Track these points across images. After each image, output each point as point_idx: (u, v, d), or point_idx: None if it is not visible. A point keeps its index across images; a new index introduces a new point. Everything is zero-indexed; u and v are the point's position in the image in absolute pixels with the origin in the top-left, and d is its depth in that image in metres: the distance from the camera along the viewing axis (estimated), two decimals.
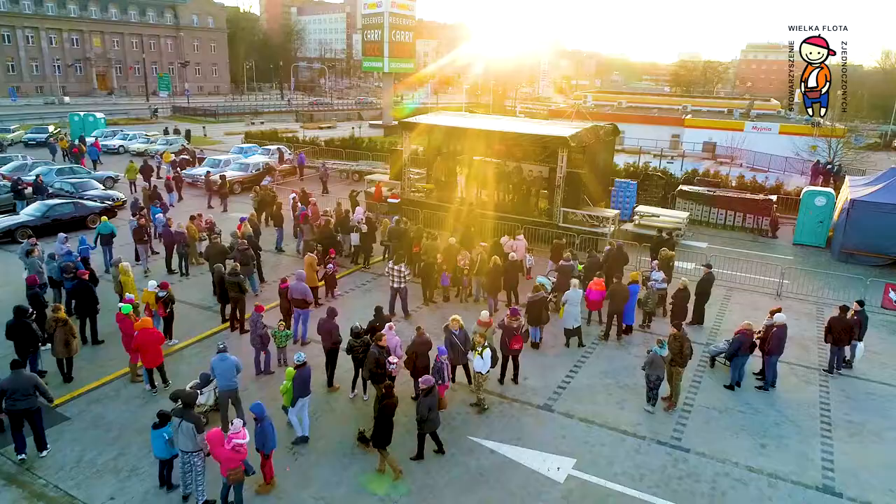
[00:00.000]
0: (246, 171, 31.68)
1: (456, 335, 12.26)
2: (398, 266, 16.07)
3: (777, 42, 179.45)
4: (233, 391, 11.36)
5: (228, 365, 11.22)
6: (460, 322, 12.34)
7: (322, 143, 42.13)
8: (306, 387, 11.06)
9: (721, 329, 16.59)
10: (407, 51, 65.76)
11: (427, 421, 10.32)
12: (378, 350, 11.37)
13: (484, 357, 11.84)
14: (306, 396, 11.13)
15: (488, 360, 11.87)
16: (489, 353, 11.85)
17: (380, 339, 11.51)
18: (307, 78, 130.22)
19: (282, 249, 22.02)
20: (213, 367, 11.21)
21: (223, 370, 11.18)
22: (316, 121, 65.89)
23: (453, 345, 12.34)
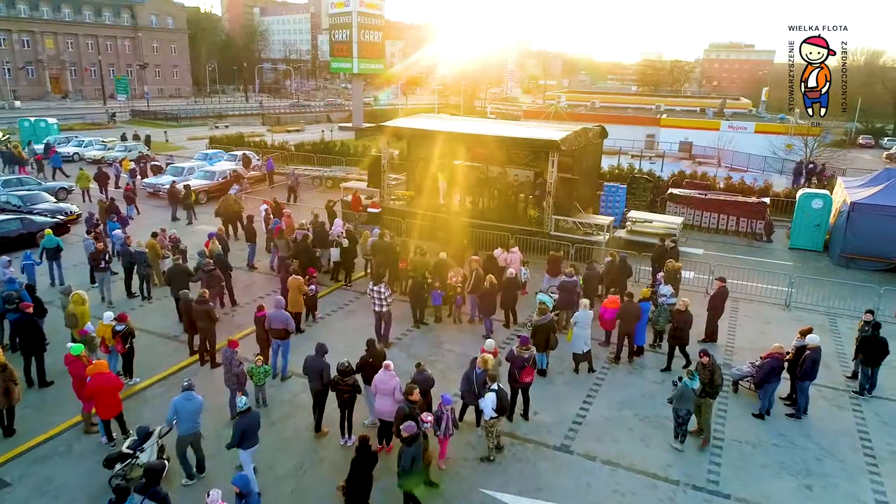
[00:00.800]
0: (212, 180, 29.70)
1: (477, 375, 10.73)
2: (378, 287, 14.50)
3: (738, 42, 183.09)
4: (194, 435, 9.80)
5: (195, 406, 9.71)
6: (487, 362, 10.79)
7: (291, 147, 40.19)
8: (253, 437, 9.53)
9: (735, 346, 15.47)
10: (376, 51, 64.12)
11: (409, 474, 8.80)
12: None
13: (487, 400, 10.34)
14: (253, 448, 9.61)
15: (493, 403, 10.31)
16: (493, 397, 10.31)
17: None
18: (272, 79, 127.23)
19: (254, 266, 20.25)
20: (177, 408, 9.61)
21: (188, 412, 9.63)
22: (283, 124, 63.68)
23: (467, 378, 10.87)
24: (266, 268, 20.28)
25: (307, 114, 74.65)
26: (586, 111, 61.60)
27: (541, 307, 13.57)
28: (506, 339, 15.40)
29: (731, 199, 25.64)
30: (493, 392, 10.32)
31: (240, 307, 17.13)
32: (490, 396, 10.28)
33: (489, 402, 10.26)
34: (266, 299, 17.48)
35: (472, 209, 24.26)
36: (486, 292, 15.22)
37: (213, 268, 15.83)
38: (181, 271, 15.92)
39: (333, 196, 28.67)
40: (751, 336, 16.13)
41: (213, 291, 15.59)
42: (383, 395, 10.54)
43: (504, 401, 10.44)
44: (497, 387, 10.41)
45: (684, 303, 13.89)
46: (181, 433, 9.70)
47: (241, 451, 9.53)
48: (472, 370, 10.75)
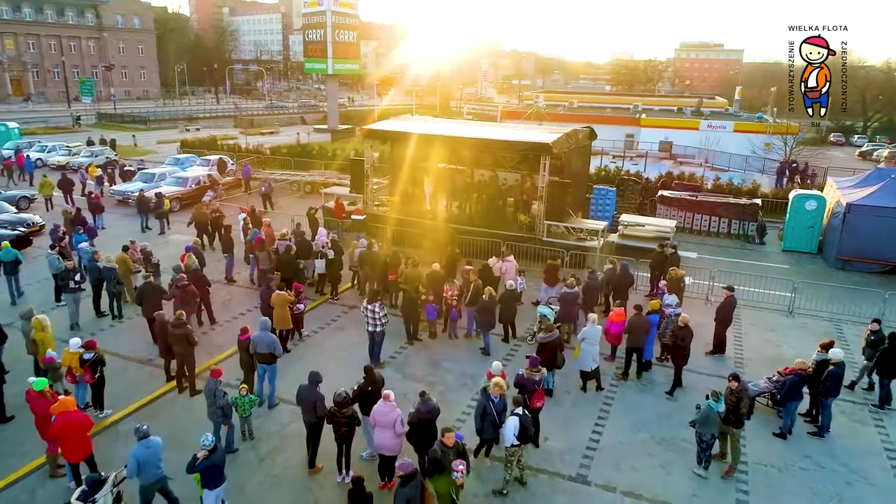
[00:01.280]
0: (184, 186, 28.33)
1: (494, 403, 9.74)
2: (372, 306, 13.49)
3: (708, 41, 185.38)
4: (160, 481, 8.88)
5: (155, 451, 8.77)
6: (503, 387, 9.86)
7: (267, 151, 38.87)
8: (219, 476, 8.67)
9: (745, 358, 14.83)
10: (351, 51, 62.81)
11: None
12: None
13: (508, 425, 9.48)
14: (219, 487, 8.71)
15: (515, 428, 9.46)
16: (514, 423, 9.47)
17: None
18: (243, 81, 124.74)
19: (232, 279, 19.08)
20: (139, 460, 8.57)
21: (149, 459, 8.67)
22: (257, 126, 62.02)
23: (486, 415, 9.80)
24: (245, 280, 19.14)
25: (281, 115, 72.99)
26: (565, 111, 61.20)
27: (545, 324, 12.74)
28: (506, 356, 14.55)
29: (722, 201, 25.17)
30: (516, 417, 9.45)
31: (219, 325, 15.99)
32: (512, 421, 9.42)
33: (511, 427, 9.40)
34: (248, 316, 16.44)
35: (459, 215, 23.40)
36: (485, 305, 14.35)
37: (186, 283, 14.67)
38: (153, 289, 14.74)
39: (313, 202, 27.58)
40: (757, 345, 15.53)
41: (188, 309, 14.47)
42: (383, 428, 9.59)
43: (528, 427, 9.54)
44: (521, 411, 9.54)
45: (684, 319, 12.99)
46: (144, 482, 8.68)
47: (206, 492, 8.57)
48: (487, 401, 9.74)
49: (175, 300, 14.52)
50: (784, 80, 71.08)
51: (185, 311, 14.12)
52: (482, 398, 9.88)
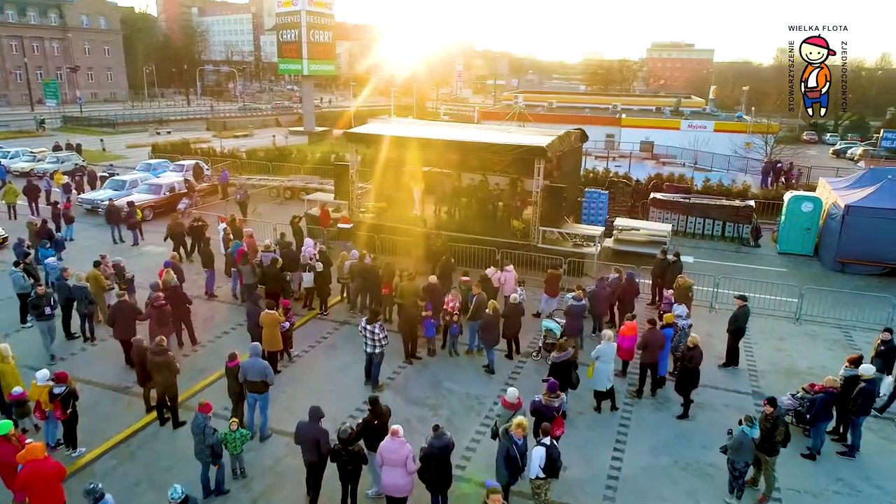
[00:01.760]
0: (158, 194, 26.95)
1: (518, 446, 8.79)
2: (371, 327, 12.55)
3: (680, 41, 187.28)
4: None
5: None
6: (526, 427, 8.93)
7: (243, 154, 37.49)
8: None
9: (759, 370, 14.21)
10: (327, 52, 61.66)
11: None
12: None
13: (534, 456, 8.65)
14: None
15: (541, 459, 8.63)
16: (541, 453, 8.65)
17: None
18: (213, 82, 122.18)
19: (213, 294, 17.93)
20: None
21: None
22: (230, 129, 60.33)
23: (510, 459, 8.85)
24: (227, 295, 18.01)
25: (255, 118, 71.30)
26: (544, 111, 60.71)
27: (554, 340, 11.94)
28: (511, 373, 13.74)
29: (716, 203, 24.70)
30: (543, 447, 8.63)
31: (202, 346, 14.88)
32: (538, 452, 8.60)
33: (537, 458, 8.58)
34: (232, 335, 15.41)
35: (449, 221, 22.52)
36: (489, 321, 13.50)
37: (163, 302, 13.55)
38: (126, 308, 13.59)
39: (294, 209, 26.51)
40: (769, 356, 14.95)
41: (164, 330, 13.37)
42: (393, 466, 8.69)
43: (556, 459, 8.71)
44: (549, 442, 8.71)
45: (694, 339, 12.09)
46: None
47: None
48: (511, 444, 8.76)
49: (150, 321, 13.41)
50: (755, 79, 71.92)
51: (162, 333, 13.08)
52: (504, 442, 8.87)
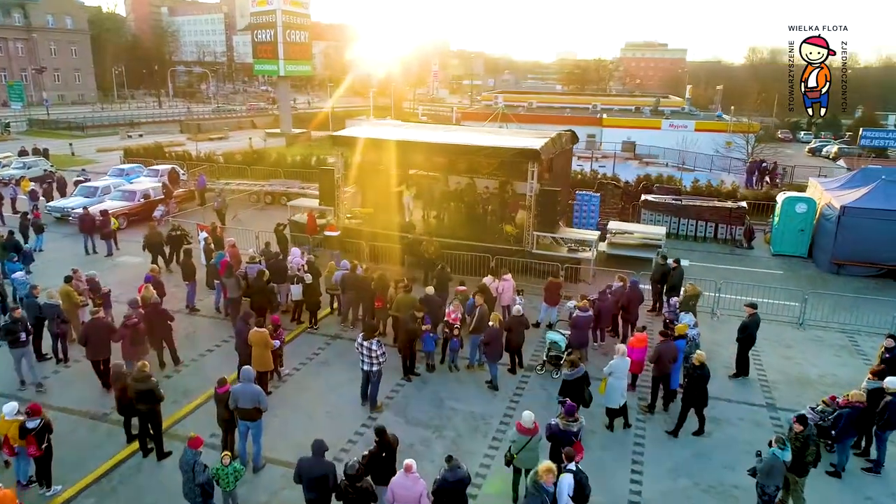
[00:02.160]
0: (132, 201, 25.76)
1: (549, 494, 7.92)
2: (368, 343, 11.80)
3: (653, 40, 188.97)
4: None
5: None
6: (555, 472, 8.10)
7: (220, 158, 36.32)
8: None
9: (770, 380, 13.75)
10: (303, 52, 60.52)
11: None
12: None
13: (563, 485, 7.98)
14: None
15: (570, 487, 7.96)
16: (569, 481, 7.98)
17: None
18: (185, 83, 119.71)
19: (195, 308, 16.96)
20: None
21: None
22: (205, 131, 58.76)
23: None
24: (209, 309, 17.06)
25: (230, 119, 69.72)
26: (525, 112, 60.28)
27: (571, 359, 11.31)
28: (516, 389, 13.08)
29: (709, 205, 24.37)
30: (570, 473, 7.97)
31: (185, 365, 13.95)
32: (566, 479, 7.95)
33: (565, 486, 7.93)
34: (216, 353, 14.52)
35: (438, 226, 21.79)
36: (493, 334, 12.82)
37: (135, 321, 12.60)
38: (101, 326, 12.62)
39: (275, 214, 25.61)
40: (778, 364, 14.51)
41: (139, 350, 12.50)
42: None
43: (585, 485, 8.05)
44: (575, 467, 8.05)
45: (700, 357, 11.20)
46: None
47: None
48: (543, 495, 7.85)
49: (123, 341, 12.45)
50: (728, 78, 72.42)
51: (137, 353, 12.22)
52: (535, 496, 7.93)
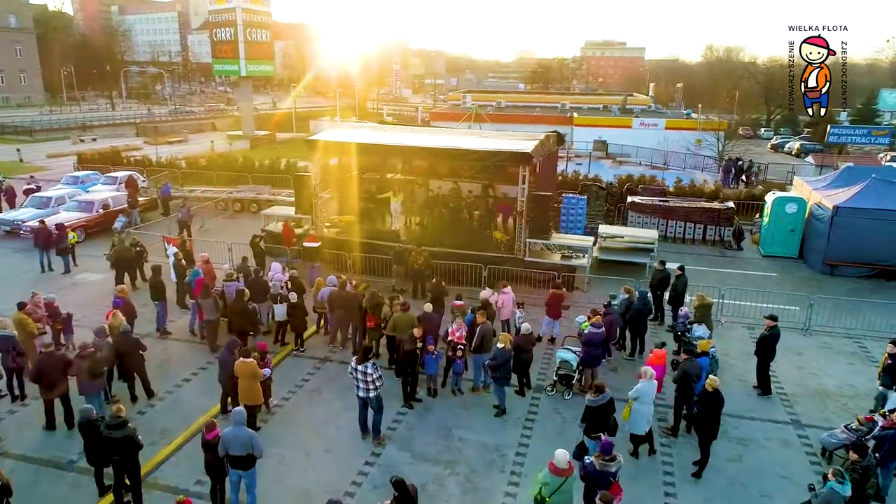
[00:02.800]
0: (90, 212, 23.94)
1: None
2: (362, 367, 10.71)
3: (612, 39, 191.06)
4: None
5: None
6: None
7: (182, 163, 34.47)
8: None
9: (789, 393, 13.13)
10: (265, 51, 58.47)
11: None
12: None
13: None
14: None
15: None
16: None
17: None
18: (139, 84, 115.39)
19: (166, 332, 15.51)
20: None
21: None
22: (163, 134, 56.28)
23: None
24: (183, 331, 15.62)
25: (188, 121, 67.07)
26: (493, 111, 59.56)
27: (595, 384, 10.36)
28: (528, 414, 12.15)
29: (697, 206, 23.89)
30: None
31: (159, 399, 12.57)
32: None
33: None
34: (194, 382, 13.19)
35: (422, 234, 20.71)
36: (504, 356, 11.82)
37: (91, 349, 11.21)
38: (54, 361, 11.17)
39: (246, 223, 24.27)
40: (793, 376, 13.91)
41: (96, 384, 11.17)
42: None
43: None
44: None
45: (712, 383, 10.13)
46: None
47: None
48: None
49: (79, 376, 11.04)
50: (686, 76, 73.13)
51: (95, 386, 10.98)
52: None
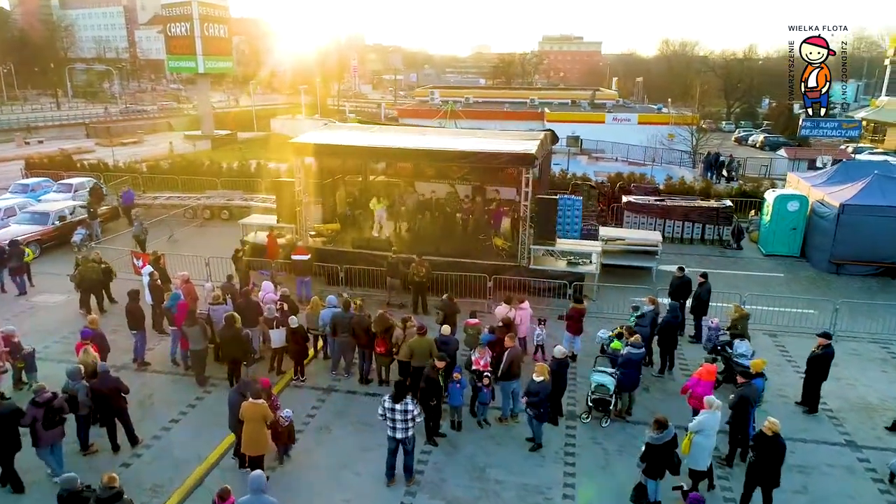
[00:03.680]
0: (45, 224, 21.73)
1: None
2: (402, 406, 9.41)
3: (569, 34, 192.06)
4: None
5: None
6: None
7: (143, 167, 32.17)
8: None
9: (834, 409, 12.33)
10: (224, 47, 55.95)
11: None
12: None
13: None
14: None
15: None
16: None
17: None
18: (85, 82, 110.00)
19: (145, 363, 13.79)
20: None
21: None
22: (115, 135, 53.10)
23: None
24: (163, 360, 13.92)
25: (142, 121, 63.70)
26: (462, 107, 58.30)
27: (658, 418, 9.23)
28: (565, 447, 10.97)
29: (694, 205, 23.17)
30: None
31: (144, 446, 10.93)
32: None
33: None
34: (183, 423, 11.60)
35: (415, 241, 19.33)
36: (542, 388, 10.60)
37: (49, 396, 9.57)
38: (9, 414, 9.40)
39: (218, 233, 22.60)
40: (833, 388, 13.03)
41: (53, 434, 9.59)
42: None
43: None
44: None
45: (773, 426, 8.90)
46: None
47: None
48: None
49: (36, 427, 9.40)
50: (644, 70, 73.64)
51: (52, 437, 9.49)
52: None
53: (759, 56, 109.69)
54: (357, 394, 12.67)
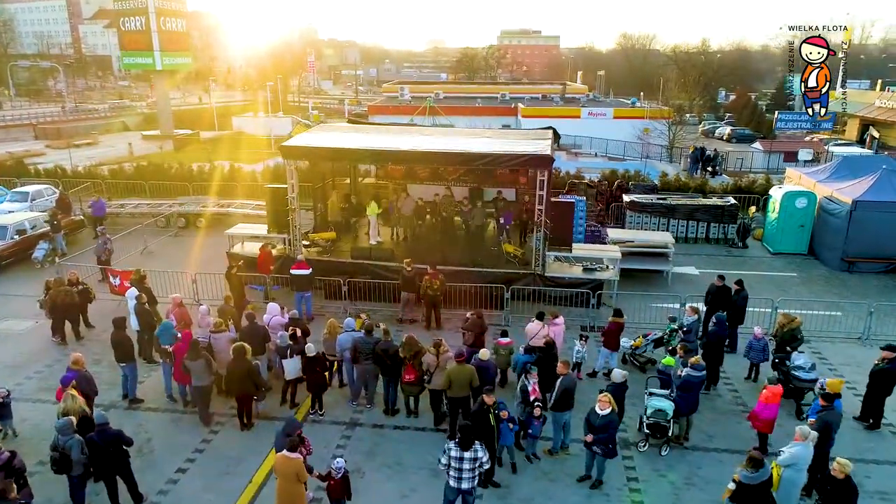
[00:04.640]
0: (3, 238, 19.61)
1: None
2: (471, 453, 8.22)
3: (528, 28, 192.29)
4: None
5: None
6: None
7: (105, 171, 29.90)
8: None
9: (893, 424, 11.63)
10: (181, 42, 53.27)
11: None
12: None
13: None
14: None
15: None
16: None
17: None
18: (27, 79, 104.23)
19: (136, 399, 12.19)
20: None
21: None
22: (67, 136, 49.85)
23: None
24: (157, 395, 12.35)
25: (95, 121, 60.18)
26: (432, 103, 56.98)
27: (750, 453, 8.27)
28: (626, 483, 9.92)
29: (700, 203, 22.50)
30: None
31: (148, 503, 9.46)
32: None
33: None
34: (190, 475, 10.13)
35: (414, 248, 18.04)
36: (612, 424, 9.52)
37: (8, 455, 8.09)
38: None
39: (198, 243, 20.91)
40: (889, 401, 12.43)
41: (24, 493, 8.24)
42: None
43: None
44: None
45: (842, 467, 7.94)
46: None
47: None
48: None
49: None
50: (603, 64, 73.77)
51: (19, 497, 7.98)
52: None
53: (713, 49, 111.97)
54: (385, 427, 11.40)
